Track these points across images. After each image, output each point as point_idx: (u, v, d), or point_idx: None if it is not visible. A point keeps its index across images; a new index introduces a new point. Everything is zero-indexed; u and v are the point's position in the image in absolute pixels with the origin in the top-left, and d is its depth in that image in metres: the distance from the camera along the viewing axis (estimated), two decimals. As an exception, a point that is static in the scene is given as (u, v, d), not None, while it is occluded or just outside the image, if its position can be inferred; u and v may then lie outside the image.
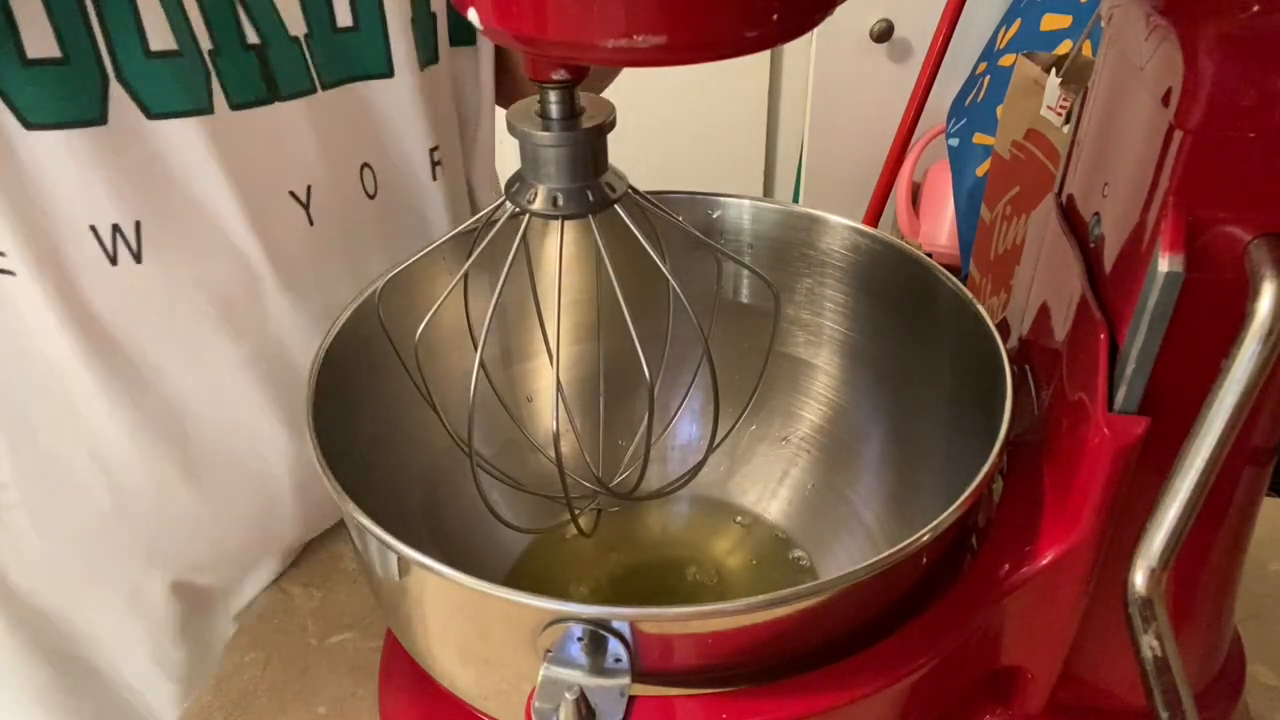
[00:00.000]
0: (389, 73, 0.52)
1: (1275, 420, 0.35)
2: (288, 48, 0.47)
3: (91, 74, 0.42)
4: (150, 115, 0.43)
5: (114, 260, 0.45)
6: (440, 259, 0.49)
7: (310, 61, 0.48)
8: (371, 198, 0.53)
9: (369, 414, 0.46)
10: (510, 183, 0.37)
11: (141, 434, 0.51)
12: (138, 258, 0.46)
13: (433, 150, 0.55)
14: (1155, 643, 0.29)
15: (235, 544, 0.57)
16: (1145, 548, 0.29)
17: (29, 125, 0.41)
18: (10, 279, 0.45)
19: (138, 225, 0.45)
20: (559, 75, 0.33)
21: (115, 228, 0.45)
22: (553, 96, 0.34)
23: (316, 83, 0.49)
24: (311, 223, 0.51)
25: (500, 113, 0.45)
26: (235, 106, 0.46)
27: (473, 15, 0.28)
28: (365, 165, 0.53)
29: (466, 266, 0.41)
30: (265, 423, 0.54)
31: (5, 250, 0.44)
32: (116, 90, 0.42)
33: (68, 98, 0.41)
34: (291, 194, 0.49)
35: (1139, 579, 0.29)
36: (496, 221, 0.39)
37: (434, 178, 0.56)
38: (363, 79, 0.51)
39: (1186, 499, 0.28)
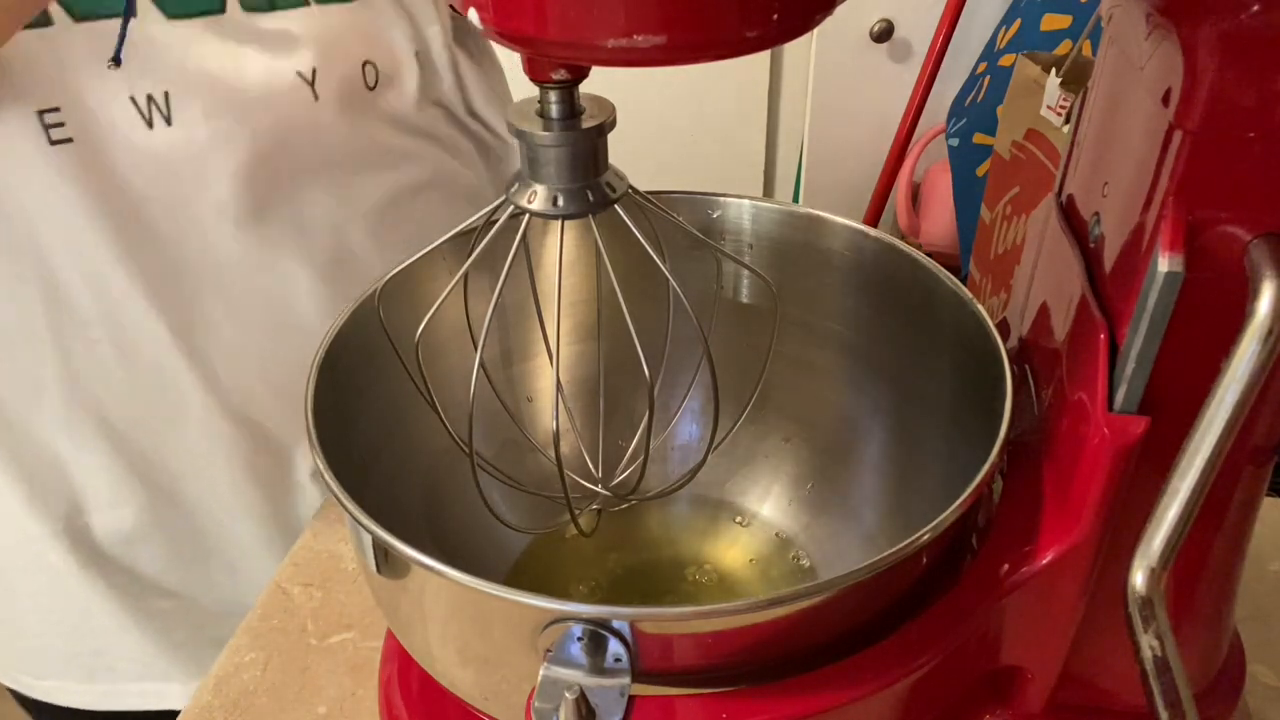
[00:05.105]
0: None
1: (1275, 420, 0.35)
2: None
3: None
4: (169, 16, 0.54)
5: (150, 124, 0.54)
6: (440, 259, 0.49)
7: None
8: (371, 89, 0.63)
9: (369, 414, 0.46)
10: (510, 182, 0.37)
11: (154, 287, 0.58)
12: (169, 121, 0.55)
13: (418, 53, 0.64)
14: (1155, 643, 0.29)
15: (279, 381, 0.64)
16: (1145, 548, 0.29)
17: (75, 17, 0.51)
18: (69, 145, 0.52)
19: (166, 95, 0.54)
20: (559, 75, 0.33)
21: (149, 97, 0.54)
22: (553, 96, 0.34)
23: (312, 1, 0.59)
24: (316, 98, 0.59)
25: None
26: (246, 9, 0.56)
27: (473, 15, 0.28)
28: (367, 62, 0.62)
29: (466, 266, 0.41)
30: (293, 272, 0.61)
31: (64, 121, 0.52)
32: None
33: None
34: (298, 74, 0.58)
35: (1139, 579, 0.29)
36: (496, 221, 0.39)
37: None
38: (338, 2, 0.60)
39: (1186, 499, 0.28)
